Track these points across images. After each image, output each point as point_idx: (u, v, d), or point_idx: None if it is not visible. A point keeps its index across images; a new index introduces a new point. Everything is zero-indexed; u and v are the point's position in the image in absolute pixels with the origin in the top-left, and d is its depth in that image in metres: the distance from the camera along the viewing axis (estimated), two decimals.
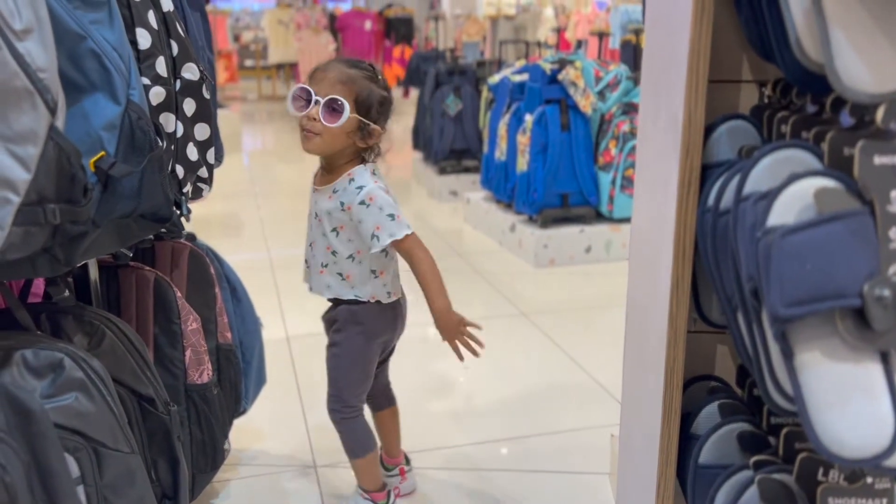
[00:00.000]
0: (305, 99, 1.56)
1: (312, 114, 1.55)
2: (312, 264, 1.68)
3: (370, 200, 1.57)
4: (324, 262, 1.64)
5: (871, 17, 0.80)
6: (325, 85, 1.55)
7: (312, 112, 1.55)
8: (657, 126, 1.22)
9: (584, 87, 3.82)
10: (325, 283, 1.65)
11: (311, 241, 1.68)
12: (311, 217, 1.67)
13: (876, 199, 0.81)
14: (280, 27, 10.12)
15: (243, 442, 2.09)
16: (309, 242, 1.69)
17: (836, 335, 0.83)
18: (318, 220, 1.64)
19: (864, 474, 0.92)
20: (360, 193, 1.57)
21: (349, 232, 1.61)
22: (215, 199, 5.24)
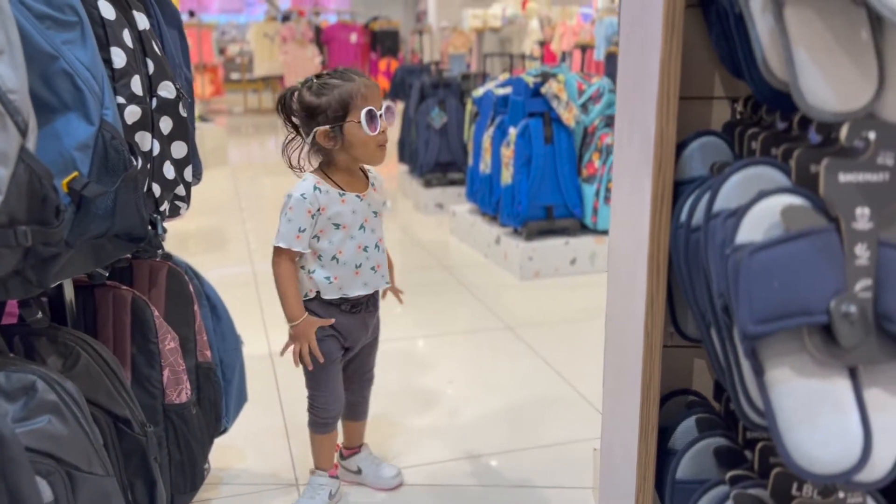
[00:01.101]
0: (376, 118, 1.66)
1: (384, 127, 1.68)
2: (379, 262, 1.79)
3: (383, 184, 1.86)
4: (380, 254, 1.80)
5: (834, 38, 0.81)
6: (378, 99, 1.68)
7: (384, 125, 1.68)
8: (631, 142, 1.23)
9: (567, 100, 3.84)
10: (385, 271, 1.83)
11: (372, 242, 1.77)
12: (363, 224, 1.75)
13: (841, 217, 0.82)
14: (265, 40, 10.13)
15: (225, 461, 2.08)
16: (364, 247, 1.76)
17: (805, 352, 0.84)
18: (379, 216, 1.79)
19: (837, 489, 0.93)
20: (380, 177, 1.84)
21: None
22: (200, 213, 5.22)
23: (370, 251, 1.77)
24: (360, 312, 1.80)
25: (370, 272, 1.78)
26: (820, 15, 0.81)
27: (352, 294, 1.75)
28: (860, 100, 0.81)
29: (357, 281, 1.76)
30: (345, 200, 1.72)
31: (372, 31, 10.50)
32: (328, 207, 1.70)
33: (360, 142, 1.66)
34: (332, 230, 1.72)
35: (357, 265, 1.75)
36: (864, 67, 0.81)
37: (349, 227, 1.72)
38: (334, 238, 1.72)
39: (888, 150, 0.82)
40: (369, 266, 1.77)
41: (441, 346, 2.91)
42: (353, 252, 1.74)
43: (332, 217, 1.71)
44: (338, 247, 1.73)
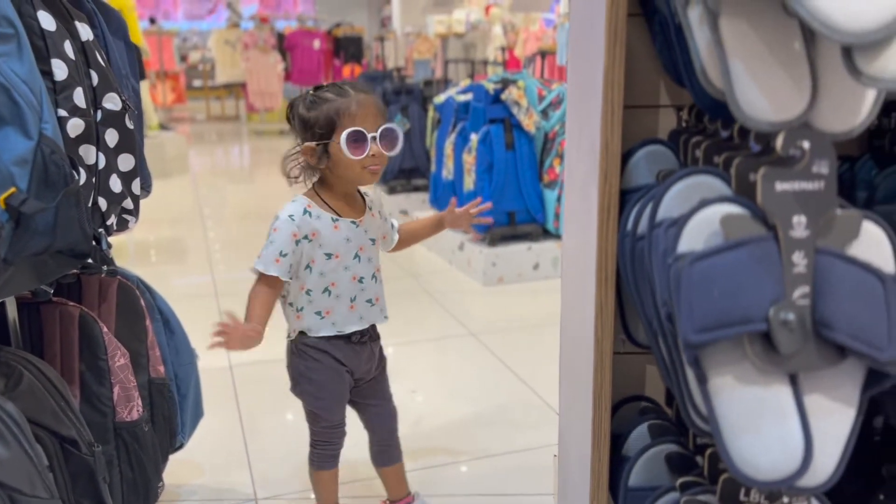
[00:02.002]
0: (362, 140, 1.52)
1: (376, 150, 1.54)
2: (376, 294, 1.66)
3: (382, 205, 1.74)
4: (377, 285, 1.67)
5: (768, 49, 0.82)
6: (371, 119, 1.54)
7: (375, 149, 1.54)
8: (580, 151, 1.23)
9: (528, 106, 3.86)
10: (384, 304, 1.69)
11: (369, 273, 1.63)
12: (358, 252, 1.61)
13: (779, 225, 0.83)
14: (227, 47, 10.03)
15: (182, 477, 2.04)
16: (359, 278, 1.62)
17: (747, 360, 0.84)
18: (376, 243, 1.66)
19: (782, 494, 0.94)
20: (378, 195, 1.82)
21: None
22: (160, 223, 5.15)
23: (366, 282, 1.63)
24: (365, 344, 1.67)
25: (366, 305, 1.64)
26: (754, 27, 0.82)
27: (347, 330, 1.62)
28: (794, 109, 0.82)
29: (352, 315, 1.62)
30: (338, 227, 1.58)
31: (335, 38, 10.45)
32: (319, 233, 1.56)
33: (343, 163, 1.53)
34: (323, 260, 1.57)
35: (352, 298, 1.61)
36: (798, 78, 0.82)
37: (342, 257, 1.58)
38: (326, 268, 1.58)
39: (823, 159, 0.83)
40: (364, 298, 1.63)
41: (406, 354, 2.90)
42: (348, 284, 1.60)
43: (323, 245, 1.56)
44: (330, 278, 1.58)
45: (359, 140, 1.51)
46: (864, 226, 0.86)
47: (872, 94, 0.83)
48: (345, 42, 10.37)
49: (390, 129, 1.56)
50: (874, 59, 0.73)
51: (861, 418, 0.87)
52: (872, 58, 0.73)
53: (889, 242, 0.86)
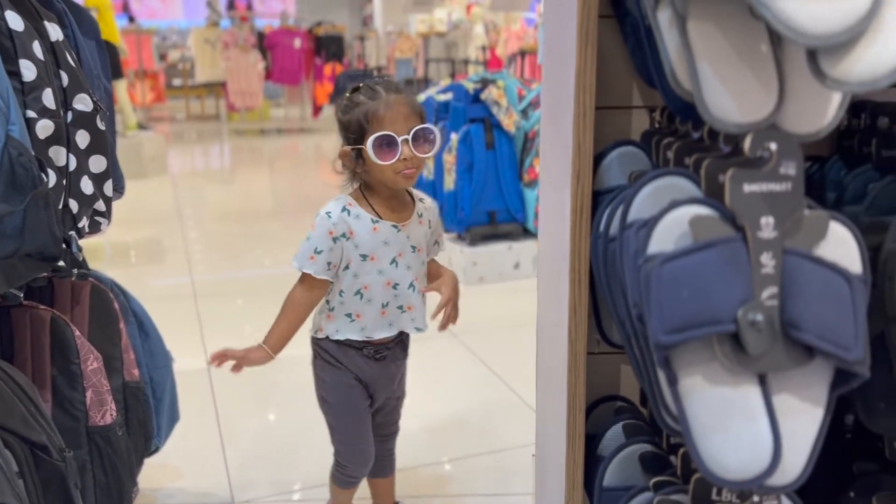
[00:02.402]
0: (391, 144, 1.46)
1: (408, 154, 1.47)
2: (410, 303, 1.59)
3: (438, 213, 1.67)
4: (413, 295, 1.59)
5: (735, 51, 0.83)
6: (401, 121, 1.47)
7: (407, 152, 1.47)
8: (554, 152, 1.23)
9: (508, 106, 3.87)
10: (418, 315, 1.62)
11: (406, 280, 1.57)
12: (396, 258, 1.55)
13: (747, 226, 0.84)
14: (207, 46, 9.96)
15: (158, 481, 2.02)
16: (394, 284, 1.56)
17: (716, 360, 0.85)
18: (418, 251, 1.58)
19: (752, 493, 0.94)
20: (435, 205, 1.65)
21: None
22: (138, 224, 5.10)
23: (401, 290, 1.56)
24: (385, 360, 1.62)
25: (397, 311, 1.58)
26: (721, 29, 0.83)
27: (376, 336, 1.58)
28: (762, 111, 0.83)
29: (382, 321, 1.57)
30: (377, 229, 1.53)
31: (316, 37, 10.41)
32: (356, 233, 1.52)
33: (375, 167, 1.48)
34: (358, 261, 1.53)
35: (384, 304, 1.56)
36: (765, 80, 0.83)
37: (378, 260, 1.53)
38: (360, 270, 1.53)
39: (790, 160, 0.83)
40: (397, 305, 1.57)
41: None
42: (381, 289, 1.55)
43: (359, 245, 1.52)
44: (363, 281, 1.54)
45: (388, 144, 1.46)
46: (832, 226, 0.86)
47: (839, 97, 0.84)
48: (326, 41, 10.33)
49: (424, 129, 1.49)
50: (838, 62, 0.73)
51: (829, 417, 0.88)
52: (836, 61, 0.73)
53: (855, 243, 0.87)
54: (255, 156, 8.77)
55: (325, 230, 1.51)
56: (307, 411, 2.17)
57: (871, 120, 1.10)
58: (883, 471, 1.11)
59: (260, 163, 8.35)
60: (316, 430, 1.86)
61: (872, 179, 1.03)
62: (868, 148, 1.08)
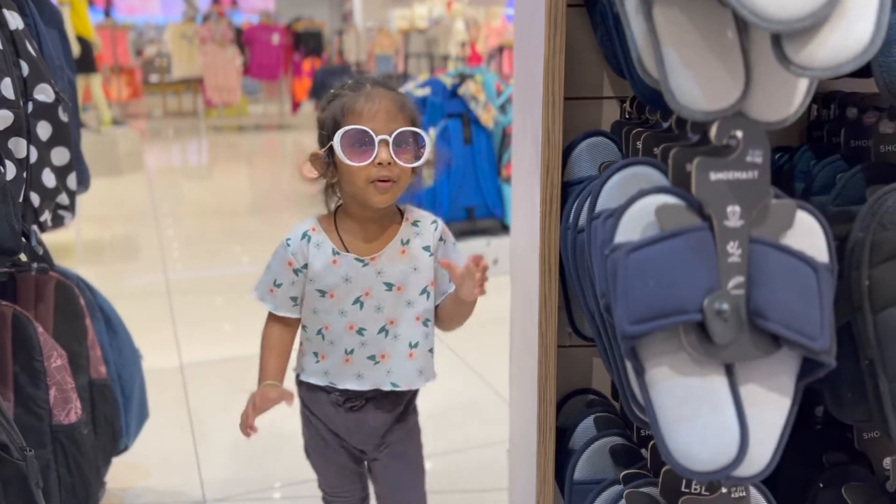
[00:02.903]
0: (364, 143, 1.18)
1: (385, 158, 1.17)
2: (385, 352, 1.30)
3: (445, 235, 1.34)
4: (413, 342, 1.30)
5: (701, 37, 0.82)
6: (382, 118, 1.18)
7: (384, 156, 1.17)
8: (524, 144, 1.22)
9: (486, 101, 3.86)
10: (415, 368, 1.31)
11: (374, 325, 1.28)
12: (361, 298, 1.27)
13: (713, 215, 0.83)
14: (183, 41, 9.85)
15: (127, 480, 1.99)
16: (358, 329, 1.29)
17: (683, 350, 0.84)
18: (397, 289, 1.27)
19: (721, 484, 0.94)
20: (437, 227, 1.32)
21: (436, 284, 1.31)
22: (113, 221, 5.03)
23: (368, 336, 1.28)
24: (359, 411, 1.34)
25: (367, 363, 1.30)
26: (687, 15, 0.82)
27: (340, 385, 1.32)
28: (728, 98, 0.82)
29: (347, 371, 1.31)
30: (336, 262, 1.26)
31: (295, 32, 10.34)
32: (312, 265, 1.26)
33: (346, 174, 1.20)
34: (315, 296, 1.28)
35: (347, 351, 1.29)
36: (731, 67, 0.82)
37: (338, 298, 1.27)
38: (319, 307, 1.29)
39: (756, 148, 0.83)
40: (365, 355, 1.29)
41: None
42: (342, 332, 1.29)
43: (315, 280, 1.27)
44: (324, 319, 1.30)
45: (360, 142, 1.17)
46: (798, 215, 0.86)
47: (805, 84, 0.83)
48: (304, 36, 10.26)
49: (412, 133, 1.19)
50: (802, 47, 0.72)
51: (796, 407, 0.87)
52: (801, 46, 0.72)
53: (822, 232, 0.86)
54: (232, 152, 8.70)
55: (284, 261, 1.28)
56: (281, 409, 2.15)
57: (840, 110, 1.10)
58: (852, 461, 1.11)
59: (238, 159, 8.28)
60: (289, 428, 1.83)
61: (841, 169, 1.02)
62: (837, 138, 1.08)
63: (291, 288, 1.29)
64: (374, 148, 1.17)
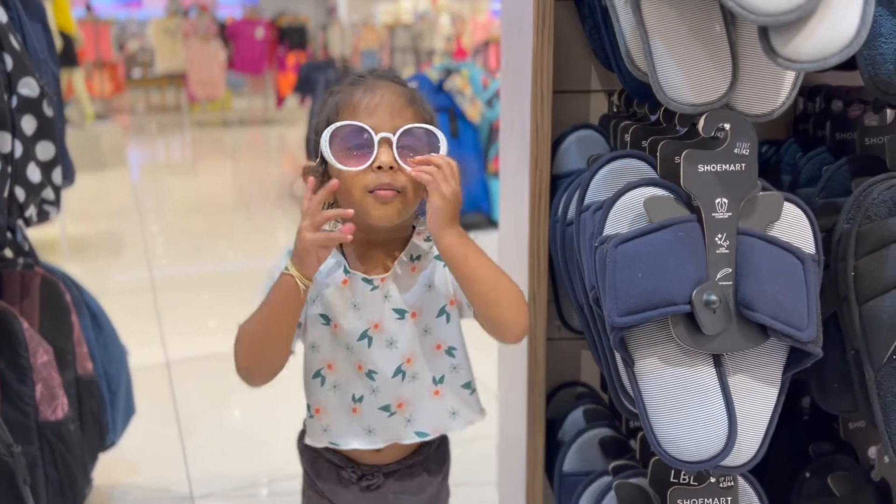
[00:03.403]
0: (361, 143, 0.93)
1: (387, 160, 0.92)
2: (403, 400, 1.02)
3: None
4: (438, 377, 1.03)
5: (689, 30, 0.83)
6: (385, 113, 0.94)
7: (385, 158, 0.92)
8: (512, 137, 1.23)
9: (472, 96, 3.86)
10: (445, 409, 1.04)
11: (389, 365, 1.00)
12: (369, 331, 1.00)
13: (701, 207, 0.84)
14: (166, 36, 9.77)
15: (114, 476, 1.98)
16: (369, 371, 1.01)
17: (672, 341, 0.85)
18: (412, 316, 1.00)
19: (709, 474, 0.95)
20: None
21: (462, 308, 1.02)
22: (97, 217, 4.99)
23: (380, 380, 1.00)
24: (381, 490, 1.06)
25: (380, 414, 1.01)
26: (675, 8, 0.82)
27: (343, 445, 1.03)
28: (715, 91, 0.83)
29: (353, 424, 1.02)
30: (347, 282, 0.99)
31: (279, 27, 10.28)
32: (319, 280, 0.99)
33: (342, 184, 0.94)
34: (317, 322, 1.01)
35: (356, 398, 1.01)
36: (719, 60, 0.82)
37: (341, 329, 1.00)
38: (319, 338, 1.01)
39: (744, 141, 0.84)
40: (377, 405, 1.01)
41: None
42: (348, 373, 1.01)
43: (318, 299, 1.00)
44: (325, 356, 1.02)
45: (357, 143, 0.93)
46: (786, 207, 0.87)
47: (791, 77, 0.84)
48: (289, 31, 10.20)
49: (422, 131, 0.94)
50: (789, 40, 0.73)
51: (783, 397, 0.88)
52: (787, 39, 0.73)
53: (809, 223, 0.87)
54: (217, 147, 8.63)
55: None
56: (268, 404, 2.15)
57: (825, 103, 1.11)
58: (838, 451, 1.13)
59: (222, 154, 8.22)
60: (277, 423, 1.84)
61: (826, 162, 1.03)
62: (823, 131, 1.09)
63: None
64: (372, 149, 0.92)
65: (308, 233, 0.90)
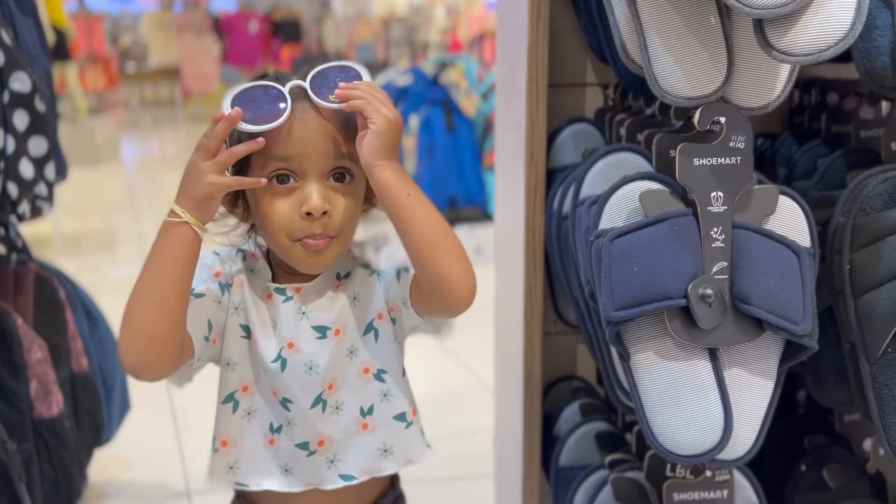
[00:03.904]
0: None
1: (318, 205, 0.78)
2: (317, 436, 0.86)
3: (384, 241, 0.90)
4: (366, 407, 0.88)
5: (684, 23, 0.82)
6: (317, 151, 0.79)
7: (318, 203, 0.78)
8: (507, 131, 1.22)
9: (468, 89, 3.85)
10: (377, 446, 0.89)
11: (308, 394, 0.85)
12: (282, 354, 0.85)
13: (697, 200, 0.83)
14: (159, 30, 9.73)
15: (110, 473, 1.97)
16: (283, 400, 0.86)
17: (668, 335, 0.85)
18: (335, 334, 0.86)
19: (705, 468, 0.95)
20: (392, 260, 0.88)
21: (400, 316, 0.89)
22: (90, 212, 4.97)
23: (297, 410, 0.85)
24: None
25: (296, 452, 0.86)
26: (670, 1, 0.82)
27: (253, 485, 0.87)
28: (711, 84, 0.82)
29: (267, 460, 0.87)
30: (272, 298, 0.85)
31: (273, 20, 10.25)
32: (242, 287, 0.86)
33: (261, 221, 0.83)
34: (237, 336, 0.86)
35: (273, 427, 0.87)
36: (714, 53, 0.82)
37: (260, 346, 0.85)
38: (238, 356, 0.87)
39: (739, 134, 0.83)
40: (295, 440, 0.86)
41: None
42: (267, 396, 0.86)
43: (240, 307, 0.86)
44: (242, 376, 0.87)
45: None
46: (781, 200, 0.87)
47: (786, 69, 0.84)
48: (283, 25, 10.17)
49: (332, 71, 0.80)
50: (785, 33, 0.73)
51: (779, 391, 0.88)
52: (783, 32, 0.73)
53: (804, 216, 0.87)
54: None
55: (210, 268, 0.86)
56: None
57: (821, 96, 1.11)
58: (833, 444, 1.13)
59: None
60: None
61: (822, 154, 1.03)
62: (818, 124, 1.09)
63: (212, 306, 0.84)
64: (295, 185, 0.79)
65: (213, 174, 0.76)
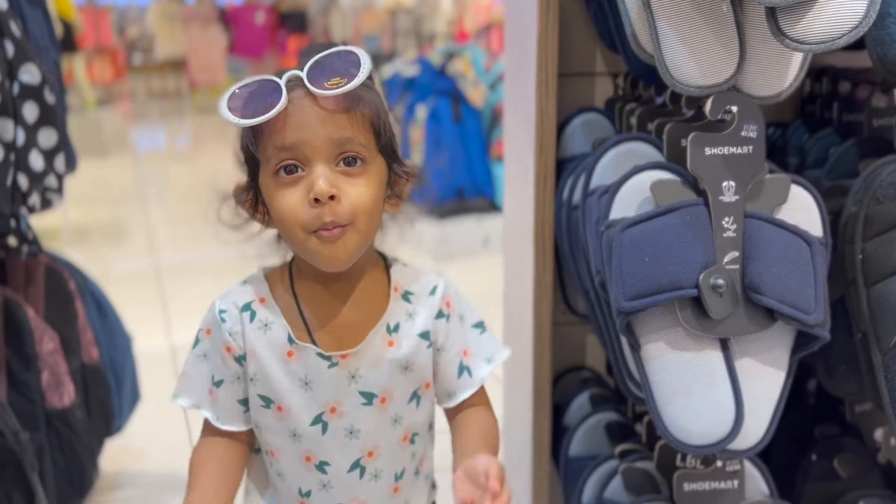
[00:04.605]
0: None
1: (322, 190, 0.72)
2: (366, 497, 0.84)
3: (448, 307, 0.85)
4: (399, 471, 0.86)
5: (696, 11, 0.81)
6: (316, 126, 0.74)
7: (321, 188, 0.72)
8: (517, 121, 1.22)
9: (475, 79, 3.84)
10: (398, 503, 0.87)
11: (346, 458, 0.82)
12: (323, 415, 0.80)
13: (708, 190, 0.83)
14: (166, 21, 9.73)
15: (121, 463, 1.99)
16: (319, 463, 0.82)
17: (679, 325, 0.84)
18: (381, 401, 0.81)
19: (716, 458, 0.95)
20: (437, 293, 0.85)
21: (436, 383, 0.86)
22: (99, 204, 4.98)
23: (333, 474, 0.82)
24: None
25: None
26: None
27: None
28: (722, 73, 0.82)
29: None
30: (293, 355, 0.80)
31: (280, 11, 10.23)
32: (257, 356, 0.80)
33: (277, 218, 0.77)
34: (257, 405, 0.82)
35: (302, 491, 0.83)
36: (726, 41, 0.81)
37: (288, 413, 0.80)
38: (263, 422, 0.82)
39: (751, 123, 0.83)
40: (331, 501, 0.83)
41: None
42: (295, 465, 0.82)
43: (257, 379, 0.80)
44: (268, 440, 0.83)
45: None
46: (793, 190, 0.86)
47: (799, 58, 0.83)
48: (289, 15, 10.15)
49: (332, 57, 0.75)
50: (797, 21, 0.72)
51: (790, 381, 0.88)
52: (796, 20, 0.72)
53: (817, 206, 0.87)
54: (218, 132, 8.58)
55: (220, 344, 0.81)
56: None
57: (832, 85, 1.10)
58: (844, 433, 1.13)
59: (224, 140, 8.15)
60: None
61: (833, 143, 1.03)
62: (829, 113, 1.08)
63: (236, 385, 0.81)
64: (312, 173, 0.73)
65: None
